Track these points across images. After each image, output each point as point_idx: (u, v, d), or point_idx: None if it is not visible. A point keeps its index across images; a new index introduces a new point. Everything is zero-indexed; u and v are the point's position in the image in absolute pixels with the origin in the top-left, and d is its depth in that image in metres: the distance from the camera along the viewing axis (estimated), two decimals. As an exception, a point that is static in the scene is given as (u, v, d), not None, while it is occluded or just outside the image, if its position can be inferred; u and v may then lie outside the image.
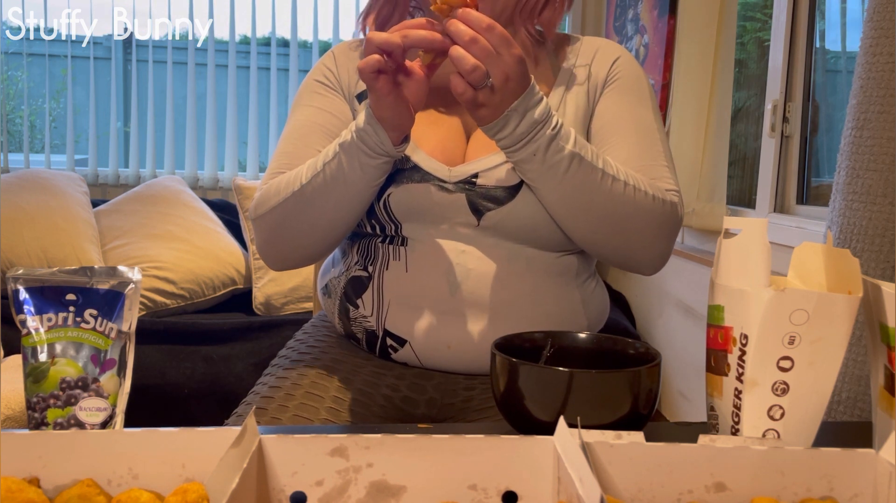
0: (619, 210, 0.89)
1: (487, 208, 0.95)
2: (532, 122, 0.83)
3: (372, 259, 1.00)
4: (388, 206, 0.96)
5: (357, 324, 1.01)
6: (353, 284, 1.01)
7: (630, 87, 1.03)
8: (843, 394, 1.09)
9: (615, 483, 0.54)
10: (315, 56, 3.45)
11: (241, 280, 2.72)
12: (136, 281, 0.68)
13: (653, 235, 0.93)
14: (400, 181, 0.96)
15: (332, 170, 0.89)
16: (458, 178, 0.96)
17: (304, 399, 0.96)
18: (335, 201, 0.91)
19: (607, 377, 0.69)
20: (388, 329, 0.98)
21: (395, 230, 0.98)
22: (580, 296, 1.02)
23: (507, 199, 0.94)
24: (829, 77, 2.15)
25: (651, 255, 0.95)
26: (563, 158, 0.85)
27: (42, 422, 0.64)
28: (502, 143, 0.85)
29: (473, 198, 0.95)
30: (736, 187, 2.52)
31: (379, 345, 1.00)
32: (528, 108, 0.82)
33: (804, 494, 0.54)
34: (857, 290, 0.64)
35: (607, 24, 3.04)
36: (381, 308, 0.98)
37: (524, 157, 0.86)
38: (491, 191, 0.95)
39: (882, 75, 1.06)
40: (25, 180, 2.73)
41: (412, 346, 0.98)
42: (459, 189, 0.96)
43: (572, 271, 1.01)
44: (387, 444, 0.54)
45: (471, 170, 0.96)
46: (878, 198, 1.06)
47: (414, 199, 0.95)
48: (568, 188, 0.87)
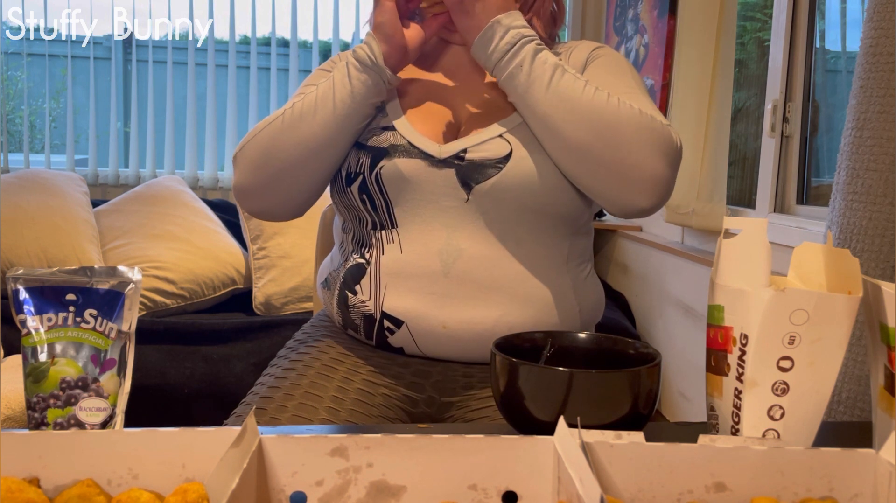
0: (606, 118, 0.89)
1: (477, 181, 0.97)
2: (517, 34, 0.94)
3: (367, 247, 1.02)
4: (381, 178, 0.98)
5: (355, 311, 1.02)
6: (352, 272, 1.03)
7: (608, 65, 1.05)
8: (843, 394, 1.09)
9: (615, 483, 0.54)
10: (315, 56, 3.45)
11: (241, 280, 2.72)
12: (136, 281, 0.68)
13: (646, 151, 0.90)
14: (392, 155, 0.98)
15: (323, 89, 0.99)
16: (447, 153, 0.98)
17: (304, 399, 0.96)
18: (321, 121, 0.98)
19: (607, 377, 0.69)
20: (386, 311, 0.99)
21: (387, 209, 1.00)
22: (570, 280, 1.03)
23: (496, 171, 0.97)
24: (829, 77, 2.15)
25: (645, 175, 0.90)
26: (547, 69, 0.93)
27: (42, 422, 0.64)
28: (491, 59, 0.96)
29: (463, 173, 0.97)
30: (736, 187, 2.52)
31: (376, 329, 1.01)
32: (511, 25, 0.95)
33: (804, 494, 0.54)
34: (857, 290, 0.64)
35: (607, 24, 3.04)
36: (378, 291, 1.00)
37: (512, 71, 0.94)
38: (480, 165, 0.97)
39: (882, 75, 1.06)
40: (25, 180, 2.73)
41: (408, 328, 0.99)
42: (448, 164, 0.98)
43: (563, 255, 1.03)
44: (387, 444, 0.54)
45: (460, 146, 0.99)
46: (878, 198, 1.06)
47: (405, 173, 0.98)
48: (553, 98, 0.92)
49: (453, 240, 0.98)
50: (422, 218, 0.99)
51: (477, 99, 1.06)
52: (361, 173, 0.99)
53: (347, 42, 3.50)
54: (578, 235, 1.06)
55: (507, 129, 0.99)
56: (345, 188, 1.02)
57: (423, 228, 0.98)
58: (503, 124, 0.99)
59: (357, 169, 1.00)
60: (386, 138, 1.00)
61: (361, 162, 1.00)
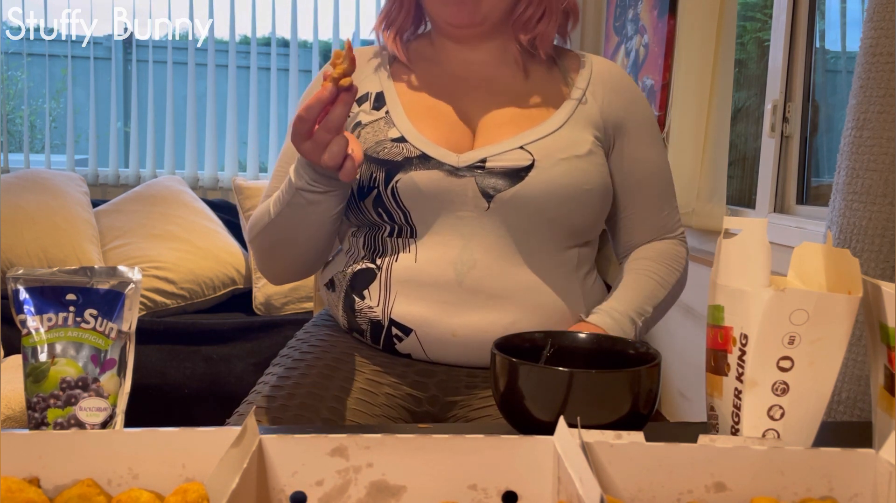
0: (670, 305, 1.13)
1: (498, 190, 0.96)
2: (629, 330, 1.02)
3: (381, 252, 1.01)
4: (397, 193, 0.97)
5: (362, 316, 1.02)
6: (359, 277, 1.02)
7: (641, 127, 1.09)
8: (843, 394, 1.09)
9: (615, 483, 0.54)
10: (315, 56, 3.45)
11: (241, 280, 2.72)
12: (136, 281, 0.68)
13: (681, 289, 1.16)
14: (408, 169, 0.97)
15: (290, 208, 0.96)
16: (466, 163, 0.97)
17: (306, 398, 0.96)
18: (304, 230, 0.98)
19: (607, 377, 0.69)
20: (394, 318, 0.99)
21: (404, 218, 0.99)
22: (581, 289, 1.04)
23: (517, 180, 0.96)
24: (829, 77, 2.15)
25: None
26: (649, 321, 1.06)
27: (42, 422, 0.64)
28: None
29: (483, 181, 0.97)
30: (736, 187, 2.52)
31: (384, 335, 1.01)
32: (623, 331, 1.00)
33: (804, 494, 0.54)
34: (857, 290, 0.64)
35: (607, 24, 3.04)
36: (387, 298, 0.99)
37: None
38: (500, 174, 0.97)
39: (882, 75, 1.06)
40: (25, 180, 2.73)
41: (417, 335, 0.98)
42: (469, 173, 0.97)
43: (573, 264, 1.03)
44: (387, 444, 0.54)
45: (479, 155, 0.98)
46: (878, 198, 1.06)
47: (422, 184, 0.97)
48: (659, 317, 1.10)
49: (469, 249, 0.97)
50: (439, 227, 0.98)
51: (488, 101, 1.04)
52: (376, 187, 0.98)
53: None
54: (587, 244, 1.07)
55: (528, 141, 0.99)
56: (357, 203, 1.00)
57: (439, 238, 0.98)
58: (524, 136, 0.99)
59: (371, 183, 0.98)
60: (399, 151, 0.98)
61: (375, 176, 0.98)
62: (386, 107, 1.04)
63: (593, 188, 1.00)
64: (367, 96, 1.06)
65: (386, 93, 1.06)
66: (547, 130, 1.00)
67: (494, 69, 1.08)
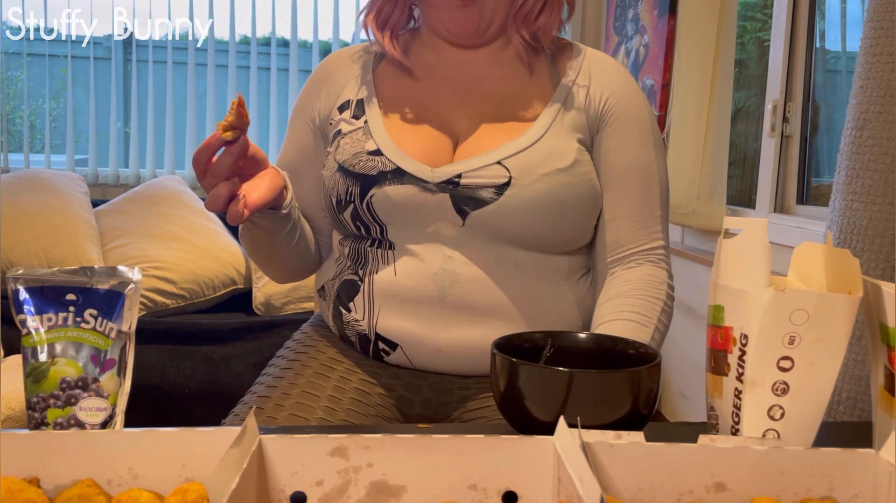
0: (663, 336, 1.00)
1: (473, 206, 0.94)
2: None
3: (363, 263, 1.00)
4: (372, 207, 0.96)
5: (350, 328, 1.01)
6: (345, 288, 1.01)
7: (632, 124, 1.01)
8: (843, 394, 1.09)
9: (615, 483, 0.54)
10: (315, 56, 3.45)
11: (241, 280, 2.72)
12: (136, 281, 0.68)
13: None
14: (382, 183, 0.95)
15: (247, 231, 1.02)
16: (440, 178, 0.95)
17: (301, 398, 0.96)
18: (273, 249, 1.03)
19: (607, 377, 0.69)
20: (380, 333, 0.98)
21: (381, 232, 0.98)
22: (573, 296, 1.01)
23: (493, 198, 0.93)
24: (829, 77, 2.15)
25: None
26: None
27: (42, 422, 0.64)
28: None
29: (457, 198, 0.94)
30: (736, 187, 2.52)
31: (372, 348, 1.00)
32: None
33: (804, 494, 0.54)
34: (857, 290, 0.64)
35: (607, 24, 3.04)
36: (371, 312, 0.98)
37: None
38: (476, 191, 0.94)
39: (882, 75, 1.06)
40: (25, 180, 2.73)
41: (403, 350, 0.98)
42: (442, 189, 0.95)
43: (563, 271, 1.00)
44: (387, 444, 0.54)
45: (454, 170, 0.95)
46: (878, 198, 1.06)
47: (396, 200, 0.95)
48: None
49: (449, 264, 0.95)
50: (416, 241, 0.96)
51: (473, 107, 1.01)
52: (352, 202, 0.97)
53: (347, 42, 3.49)
54: (579, 250, 1.03)
55: (505, 155, 0.95)
56: (337, 215, 1.00)
57: (417, 253, 0.96)
58: (502, 150, 0.95)
59: (347, 197, 0.97)
60: (374, 164, 0.96)
61: (351, 190, 0.97)
62: (365, 116, 1.01)
63: (579, 201, 0.96)
64: (349, 104, 1.04)
65: (366, 101, 1.03)
66: (527, 142, 0.96)
67: (487, 68, 1.04)
